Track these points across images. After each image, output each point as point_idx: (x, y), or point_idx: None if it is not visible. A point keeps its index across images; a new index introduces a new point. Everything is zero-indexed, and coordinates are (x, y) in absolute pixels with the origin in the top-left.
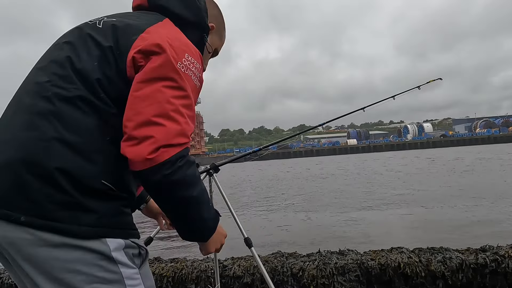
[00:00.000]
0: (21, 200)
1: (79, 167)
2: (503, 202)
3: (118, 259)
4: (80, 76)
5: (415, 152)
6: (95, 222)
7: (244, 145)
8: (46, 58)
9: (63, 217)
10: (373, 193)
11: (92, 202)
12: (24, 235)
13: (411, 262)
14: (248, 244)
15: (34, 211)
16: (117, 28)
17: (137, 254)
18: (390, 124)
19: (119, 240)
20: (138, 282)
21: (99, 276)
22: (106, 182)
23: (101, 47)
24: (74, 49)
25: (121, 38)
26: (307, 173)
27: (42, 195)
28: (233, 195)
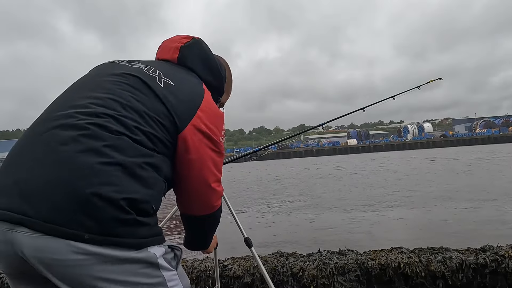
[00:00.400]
0: (84, 219)
1: (137, 191)
2: (503, 202)
3: (161, 265)
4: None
5: (415, 152)
6: (147, 233)
7: (244, 145)
8: (104, 89)
9: (122, 233)
10: (373, 193)
11: (145, 218)
12: (81, 254)
13: (411, 262)
14: (248, 244)
15: (96, 229)
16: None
17: (172, 257)
18: (390, 124)
19: (160, 247)
20: (177, 282)
21: (146, 282)
22: (154, 207)
23: (162, 103)
24: (134, 92)
25: (181, 105)
26: (306, 173)
27: (103, 213)
28: (233, 195)
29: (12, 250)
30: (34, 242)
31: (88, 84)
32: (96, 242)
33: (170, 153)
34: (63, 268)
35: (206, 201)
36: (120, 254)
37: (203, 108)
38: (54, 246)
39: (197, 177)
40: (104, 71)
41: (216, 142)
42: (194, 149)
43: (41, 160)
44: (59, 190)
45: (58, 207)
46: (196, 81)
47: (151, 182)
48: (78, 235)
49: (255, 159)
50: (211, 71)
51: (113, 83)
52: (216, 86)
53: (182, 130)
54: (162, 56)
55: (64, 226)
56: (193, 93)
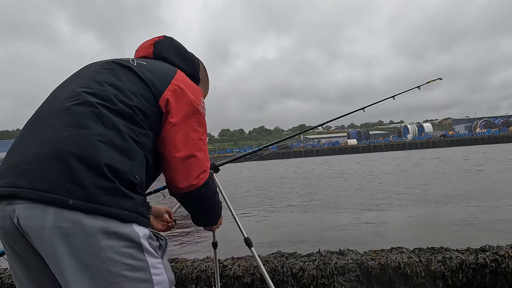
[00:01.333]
0: (70, 185)
1: (119, 160)
2: (503, 202)
3: (145, 247)
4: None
5: (415, 152)
6: (132, 207)
7: (244, 145)
8: (86, 76)
9: (106, 201)
10: (373, 193)
11: (129, 191)
12: (65, 221)
13: (411, 262)
14: (248, 244)
15: (81, 195)
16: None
17: (158, 246)
18: (390, 124)
19: (145, 229)
20: (161, 271)
21: (127, 263)
22: (137, 177)
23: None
24: (116, 75)
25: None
26: (306, 173)
27: (89, 181)
28: (233, 195)
29: (12, 223)
30: (26, 211)
31: (72, 81)
32: (80, 208)
33: (153, 125)
34: (47, 236)
35: (189, 171)
36: (105, 224)
37: (178, 78)
38: (41, 215)
39: (181, 143)
40: (84, 69)
41: (196, 108)
42: (176, 111)
43: (31, 140)
44: (47, 160)
45: (46, 175)
46: (168, 65)
47: (133, 154)
48: (63, 200)
49: (255, 159)
50: (184, 59)
51: (92, 72)
52: (191, 73)
53: (161, 95)
54: (138, 54)
55: (51, 192)
56: (165, 69)
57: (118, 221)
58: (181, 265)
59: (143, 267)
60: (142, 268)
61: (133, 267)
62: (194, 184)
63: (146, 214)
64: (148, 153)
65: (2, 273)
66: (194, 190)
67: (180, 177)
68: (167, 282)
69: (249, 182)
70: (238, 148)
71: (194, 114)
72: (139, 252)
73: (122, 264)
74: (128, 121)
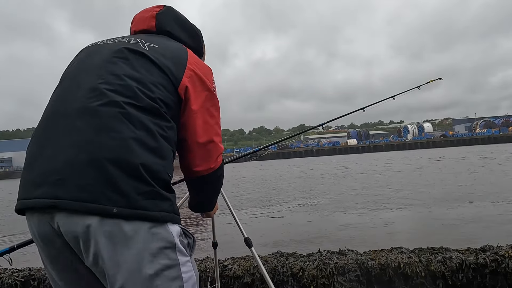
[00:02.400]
0: (111, 194)
1: (153, 161)
2: (503, 202)
3: (178, 246)
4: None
5: (415, 152)
6: (169, 207)
7: (244, 145)
8: (101, 68)
9: (147, 206)
10: (373, 193)
11: (165, 191)
12: (107, 228)
13: (411, 262)
14: (248, 244)
15: (123, 203)
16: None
17: (186, 244)
18: (390, 124)
19: (178, 228)
20: (190, 269)
21: (162, 263)
22: (170, 174)
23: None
24: (132, 65)
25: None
26: (305, 173)
27: (129, 187)
28: (233, 195)
29: (51, 228)
30: (67, 220)
31: (83, 72)
32: (123, 215)
33: (175, 114)
34: (90, 242)
35: (209, 155)
36: (144, 227)
37: (191, 61)
38: (84, 223)
39: (201, 129)
40: (94, 56)
41: (212, 92)
42: (194, 98)
43: (58, 145)
44: (83, 169)
45: (84, 185)
46: (176, 43)
47: (164, 152)
48: (106, 209)
49: (255, 159)
50: (188, 32)
51: (106, 63)
52: (195, 47)
53: (180, 83)
54: (138, 27)
55: (93, 202)
56: (178, 50)
57: (156, 223)
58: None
59: (175, 265)
60: (174, 266)
61: (166, 266)
62: (212, 167)
63: (179, 212)
64: (174, 146)
65: (2, 273)
66: (212, 173)
67: (199, 161)
68: (195, 279)
69: (249, 182)
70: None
71: (210, 98)
72: (172, 252)
73: (157, 264)
74: (155, 116)
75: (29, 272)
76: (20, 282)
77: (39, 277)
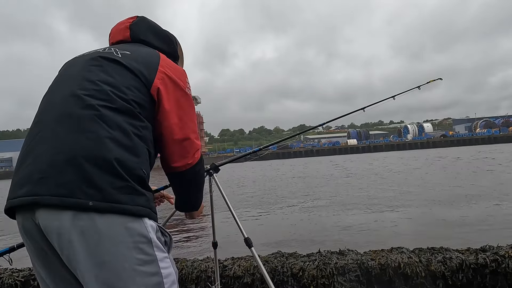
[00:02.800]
0: (87, 189)
1: (128, 158)
2: (503, 202)
3: (154, 242)
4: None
5: (415, 152)
6: (145, 203)
7: (244, 145)
8: (78, 76)
9: (122, 199)
10: (373, 193)
11: (141, 187)
12: (83, 221)
13: (411, 262)
14: (248, 244)
15: (99, 196)
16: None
17: (164, 242)
18: (390, 124)
19: (154, 224)
20: (168, 265)
21: (138, 258)
22: (144, 171)
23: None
24: (106, 71)
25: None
26: (305, 173)
27: (105, 182)
28: (233, 195)
29: (33, 223)
30: (46, 215)
31: (62, 82)
32: (99, 209)
33: (149, 114)
34: (66, 236)
35: (186, 151)
36: (119, 221)
37: (163, 64)
38: (60, 217)
39: (176, 128)
40: (72, 67)
41: (185, 92)
42: (167, 98)
43: (41, 149)
44: (62, 167)
45: (63, 182)
46: (149, 49)
47: (139, 150)
48: (83, 203)
49: (255, 159)
50: (161, 38)
51: (83, 71)
52: (170, 52)
53: (152, 84)
54: (115, 39)
55: (70, 197)
56: (149, 55)
57: (131, 217)
58: (181, 265)
59: (152, 260)
60: (151, 261)
61: (143, 261)
62: (190, 163)
63: (155, 209)
64: (150, 145)
65: (2, 273)
66: (190, 168)
67: (176, 157)
68: (174, 275)
69: (250, 182)
70: (238, 148)
71: (184, 98)
72: (149, 247)
73: (133, 258)
74: (129, 116)
75: (29, 272)
76: (20, 282)
77: None
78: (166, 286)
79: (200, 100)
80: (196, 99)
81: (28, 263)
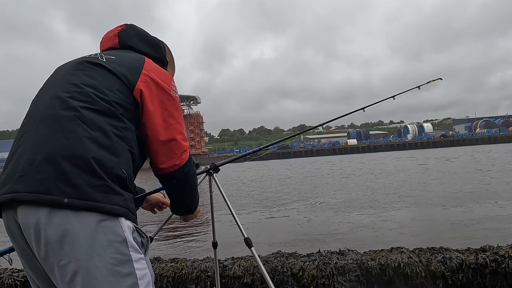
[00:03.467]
0: (63, 186)
1: (106, 158)
2: (503, 202)
3: (129, 242)
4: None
5: (414, 152)
6: (122, 202)
7: (244, 145)
8: (61, 80)
9: (98, 198)
10: (373, 193)
11: (118, 187)
12: (58, 218)
13: (411, 262)
14: (248, 244)
15: (74, 194)
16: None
17: (140, 243)
18: (390, 124)
19: (131, 224)
20: (144, 266)
21: (113, 257)
22: (124, 171)
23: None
24: (89, 75)
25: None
26: (304, 173)
27: (81, 180)
28: (233, 195)
29: (15, 223)
30: (23, 212)
31: (48, 87)
32: (74, 206)
33: (133, 116)
34: (39, 233)
35: (172, 152)
36: (94, 219)
37: (147, 67)
38: (36, 213)
39: (161, 129)
40: (57, 73)
41: (169, 94)
42: (150, 100)
43: (23, 148)
44: (40, 165)
45: (41, 179)
46: (135, 54)
47: (118, 150)
48: (58, 200)
49: (255, 159)
50: (149, 44)
51: (66, 75)
52: (158, 57)
53: (134, 87)
54: (105, 46)
55: (46, 193)
56: (134, 59)
57: (106, 215)
58: (181, 265)
59: (127, 261)
60: (126, 261)
61: (118, 261)
62: (177, 164)
63: (135, 211)
64: (133, 145)
65: (2, 273)
66: (177, 169)
67: (163, 158)
68: (149, 277)
69: (250, 182)
70: (238, 148)
71: (168, 100)
72: (124, 247)
73: (107, 257)
74: (110, 117)
75: None
76: (20, 282)
77: None
78: (141, 287)
79: (200, 100)
80: (196, 99)
81: None
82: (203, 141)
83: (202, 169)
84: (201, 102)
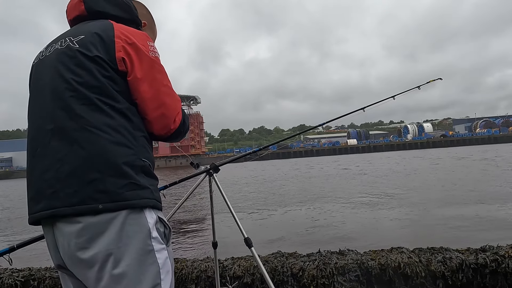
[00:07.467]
0: (95, 194)
1: (125, 155)
2: (504, 202)
3: (152, 233)
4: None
5: (414, 152)
6: (150, 195)
7: (244, 145)
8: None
9: (128, 196)
10: (373, 193)
11: (144, 179)
12: (97, 220)
13: (411, 262)
14: (248, 244)
15: (107, 198)
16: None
17: (163, 233)
18: (390, 124)
19: (155, 215)
20: (166, 256)
21: (138, 247)
22: (144, 159)
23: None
24: (75, 72)
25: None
26: (304, 173)
27: (109, 184)
28: (233, 195)
29: (54, 242)
30: (65, 228)
31: (41, 95)
32: (108, 209)
33: (128, 93)
34: (84, 241)
35: (166, 119)
36: (123, 215)
37: (117, 34)
38: (77, 226)
39: (149, 96)
40: (42, 77)
41: (147, 56)
42: (131, 67)
43: (44, 164)
44: (67, 180)
45: (72, 192)
46: (100, 22)
47: (133, 142)
48: (93, 207)
49: (255, 159)
50: (119, 6)
51: (54, 80)
52: (129, 18)
53: (116, 62)
54: (71, 16)
55: (81, 204)
56: (102, 30)
57: (133, 209)
58: (181, 265)
59: (149, 251)
60: (149, 252)
61: (143, 251)
62: (172, 128)
63: (160, 199)
64: (141, 127)
65: (2, 273)
66: (174, 132)
67: (158, 126)
68: (170, 267)
69: (250, 183)
70: (238, 148)
71: (149, 61)
72: (148, 238)
73: (133, 248)
74: (113, 111)
75: (29, 272)
76: (20, 282)
77: (39, 277)
78: (162, 276)
79: (200, 100)
80: (196, 99)
81: (28, 263)
82: (203, 141)
83: (202, 169)
84: (201, 102)
